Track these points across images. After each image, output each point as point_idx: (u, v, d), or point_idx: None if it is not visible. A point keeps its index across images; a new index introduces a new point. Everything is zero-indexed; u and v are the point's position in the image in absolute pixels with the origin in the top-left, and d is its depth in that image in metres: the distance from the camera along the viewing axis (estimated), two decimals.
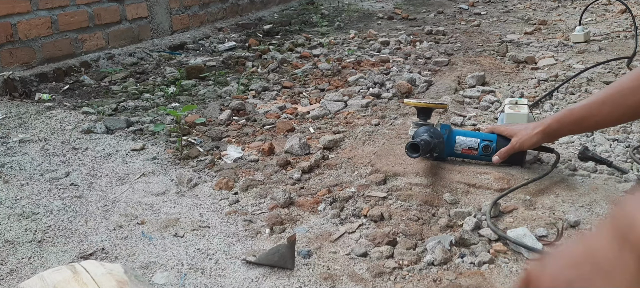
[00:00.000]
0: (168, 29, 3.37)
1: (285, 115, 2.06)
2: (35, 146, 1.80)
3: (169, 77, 2.63)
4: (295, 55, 3.02)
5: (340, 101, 2.15)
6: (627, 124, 1.77)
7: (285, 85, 2.45)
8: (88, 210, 1.39)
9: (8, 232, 1.29)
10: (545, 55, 2.69)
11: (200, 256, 1.17)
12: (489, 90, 2.22)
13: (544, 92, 2.15)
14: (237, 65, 2.87)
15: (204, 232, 1.27)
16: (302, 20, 4.15)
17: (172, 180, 1.55)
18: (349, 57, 2.91)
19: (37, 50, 2.60)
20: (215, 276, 1.11)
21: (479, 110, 2.02)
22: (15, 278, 1.12)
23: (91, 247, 1.22)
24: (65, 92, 2.44)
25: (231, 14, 3.96)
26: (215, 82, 2.55)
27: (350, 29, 3.75)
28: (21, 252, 1.21)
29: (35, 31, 2.58)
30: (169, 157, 1.71)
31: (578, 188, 1.38)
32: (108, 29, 2.95)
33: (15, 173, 1.61)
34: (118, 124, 1.97)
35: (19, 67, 2.53)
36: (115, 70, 2.77)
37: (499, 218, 1.27)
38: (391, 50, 3.05)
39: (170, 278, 1.10)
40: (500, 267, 1.10)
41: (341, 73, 2.61)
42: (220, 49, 3.27)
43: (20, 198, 1.46)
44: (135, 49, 3.06)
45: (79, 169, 1.63)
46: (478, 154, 1.50)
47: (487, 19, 3.92)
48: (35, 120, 2.05)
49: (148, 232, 1.28)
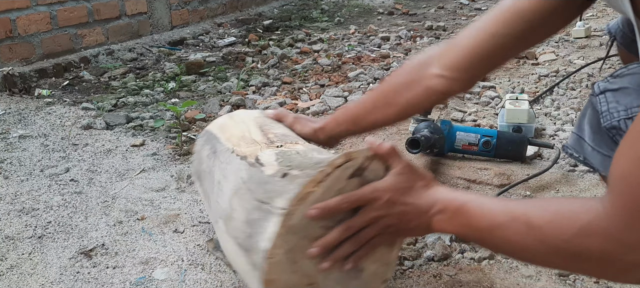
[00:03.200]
0: (167, 25, 3.37)
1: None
2: (35, 142, 1.80)
3: (169, 73, 2.62)
4: (295, 50, 3.02)
5: (340, 97, 2.15)
6: None
7: (285, 80, 2.45)
8: (88, 206, 1.39)
9: (8, 228, 1.29)
10: (546, 51, 2.68)
11: (200, 252, 1.17)
12: (489, 85, 2.21)
13: (545, 88, 2.14)
14: (236, 61, 2.86)
15: (204, 227, 1.27)
16: (302, 15, 4.14)
17: (172, 176, 1.55)
18: (349, 52, 2.91)
19: (37, 45, 2.60)
20: (215, 272, 1.11)
21: (480, 106, 2.02)
22: (16, 274, 1.12)
23: (91, 242, 1.22)
24: (65, 88, 2.43)
25: (231, 9, 3.96)
26: (215, 78, 2.54)
27: (351, 24, 3.74)
28: (21, 248, 1.21)
29: (34, 26, 2.57)
30: (169, 152, 1.71)
31: (578, 183, 1.38)
32: (107, 24, 2.95)
33: (15, 169, 1.61)
34: (118, 120, 1.97)
35: (18, 62, 2.52)
36: (114, 65, 2.77)
37: None
38: (391, 45, 3.04)
39: (170, 274, 1.10)
40: (501, 262, 1.10)
41: (341, 69, 2.61)
42: (220, 45, 3.27)
43: (20, 194, 1.46)
44: (135, 45, 3.05)
45: (78, 165, 1.63)
46: (478, 150, 1.50)
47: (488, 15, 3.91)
48: (34, 116, 2.05)
49: (148, 228, 1.28)
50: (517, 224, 0.68)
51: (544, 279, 1.04)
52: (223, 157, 1.00)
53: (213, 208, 0.97)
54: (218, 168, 0.99)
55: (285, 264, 0.75)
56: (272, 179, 0.81)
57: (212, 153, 1.05)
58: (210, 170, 1.03)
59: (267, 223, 0.75)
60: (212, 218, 1.01)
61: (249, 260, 0.78)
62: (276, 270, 0.74)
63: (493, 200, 0.83)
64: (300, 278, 0.77)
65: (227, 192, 0.90)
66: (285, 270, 0.75)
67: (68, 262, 1.15)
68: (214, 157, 1.03)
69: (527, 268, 1.07)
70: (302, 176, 0.77)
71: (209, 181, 1.02)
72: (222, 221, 0.90)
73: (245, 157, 0.92)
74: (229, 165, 0.95)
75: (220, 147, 1.03)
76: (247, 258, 0.79)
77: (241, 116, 1.13)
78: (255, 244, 0.76)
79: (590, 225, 0.61)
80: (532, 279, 1.04)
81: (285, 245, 0.74)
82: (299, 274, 0.77)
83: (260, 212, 0.78)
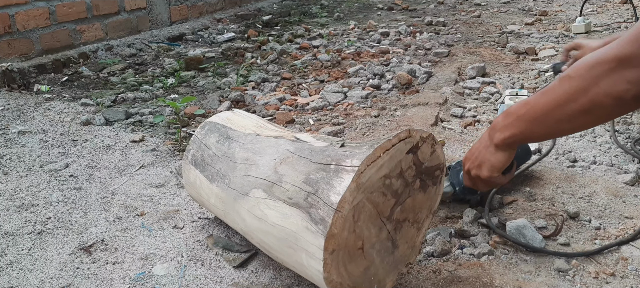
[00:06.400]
0: (167, 20, 3.36)
1: (284, 106, 2.06)
2: (34, 138, 1.80)
3: (168, 69, 2.62)
4: (294, 46, 3.01)
5: (339, 92, 2.15)
6: (627, 115, 1.77)
7: (285, 76, 2.44)
8: (87, 202, 1.39)
9: (8, 224, 1.29)
10: (546, 46, 2.68)
11: (200, 247, 1.18)
12: (489, 81, 2.21)
13: (544, 83, 2.14)
14: (236, 57, 2.86)
15: (203, 223, 1.27)
16: (302, 11, 4.13)
17: (172, 171, 1.55)
18: (348, 48, 2.90)
19: (36, 41, 2.59)
20: (215, 267, 1.11)
21: (479, 102, 2.02)
22: (15, 269, 1.12)
23: (91, 238, 1.22)
24: (64, 84, 2.43)
25: (230, 5, 3.95)
26: (214, 74, 2.54)
27: (350, 20, 3.74)
28: (21, 244, 1.21)
29: (33, 22, 2.57)
30: (168, 148, 1.71)
31: (578, 179, 1.38)
32: (106, 19, 2.94)
33: (15, 164, 1.61)
34: (117, 116, 1.97)
35: (17, 58, 2.52)
36: (113, 61, 2.76)
37: (499, 210, 1.27)
38: (391, 41, 3.03)
39: (170, 270, 1.10)
40: (500, 258, 1.10)
41: (341, 64, 2.60)
42: (219, 40, 3.26)
43: (19, 189, 1.45)
44: (134, 40, 3.05)
45: (78, 161, 1.63)
46: None
47: (488, 10, 3.91)
48: (34, 111, 2.04)
49: (148, 224, 1.28)
50: (555, 84, 0.91)
51: (543, 274, 1.04)
52: (245, 139, 1.08)
53: (236, 183, 1.02)
54: (241, 148, 1.06)
55: (349, 221, 0.81)
56: (329, 148, 0.90)
57: (224, 139, 1.12)
58: (224, 153, 1.09)
59: (336, 179, 0.82)
60: (229, 195, 1.04)
61: (307, 216, 0.84)
62: (340, 224, 0.80)
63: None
64: (355, 239, 0.84)
65: (267, 163, 0.97)
66: (346, 227, 0.81)
67: (68, 258, 1.15)
68: (228, 141, 1.11)
69: (527, 264, 1.07)
70: (368, 144, 0.85)
71: (224, 163, 1.08)
72: (260, 190, 0.95)
73: (281, 137, 1.02)
74: (260, 144, 1.03)
75: (236, 133, 1.11)
76: (304, 215, 0.84)
77: (243, 113, 1.21)
78: (321, 199, 0.82)
79: (603, 53, 0.83)
80: (532, 274, 1.04)
81: (353, 201, 0.81)
82: (355, 235, 0.83)
83: (325, 172, 0.85)
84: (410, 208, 0.93)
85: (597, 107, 0.87)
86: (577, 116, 0.90)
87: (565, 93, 0.89)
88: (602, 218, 1.22)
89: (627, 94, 0.81)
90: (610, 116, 0.89)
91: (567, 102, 0.89)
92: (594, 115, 0.88)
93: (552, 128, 0.95)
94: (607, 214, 1.23)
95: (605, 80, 0.83)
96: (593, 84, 0.84)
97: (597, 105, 0.87)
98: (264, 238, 0.95)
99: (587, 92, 0.86)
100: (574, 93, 0.88)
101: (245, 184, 1.00)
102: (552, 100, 0.93)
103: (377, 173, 0.83)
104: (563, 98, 0.90)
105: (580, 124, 0.92)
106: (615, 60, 0.81)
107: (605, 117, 0.89)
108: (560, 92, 0.91)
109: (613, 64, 0.82)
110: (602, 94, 0.84)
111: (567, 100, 0.89)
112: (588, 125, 0.93)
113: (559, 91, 0.91)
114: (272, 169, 0.95)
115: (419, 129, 0.90)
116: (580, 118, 0.90)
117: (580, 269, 1.05)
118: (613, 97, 0.83)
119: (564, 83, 0.90)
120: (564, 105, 0.90)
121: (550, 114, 0.93)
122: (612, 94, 0.83)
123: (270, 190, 0.93)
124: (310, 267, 0.84)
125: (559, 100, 0.91)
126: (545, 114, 0.93)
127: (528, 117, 0.97)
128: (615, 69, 0.82)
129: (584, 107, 0.88)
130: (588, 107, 0.87)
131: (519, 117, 0.99)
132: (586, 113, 0.88)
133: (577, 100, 0.88)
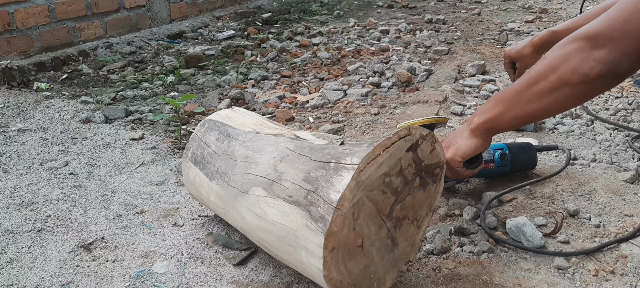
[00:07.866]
0: (166, 18, 3.35)
1: (284, 104, 2.06)
2: (34, 135, 1.80)
3: (168, 66, 2.62)
4: (294, 44, 3.01)
5: (339, 90, 2.15)
6: (627, 112, 1.77)
7: (285, 74, 2.44)
8: (87, 200, 1.39)
9: (7, 222, 1.29)
10: None
11: (200, 245, 1.18)
12: (489, 79, 2.21)
13: None
14: (236, 54, 2.86)
15: (203, 221, 1.27)
16: (301, 8, 4.13)
17: (172, 169, 1.55)
18: (348, 45, 2.90)
19: (35, 39, 2.59)
20: (215, 265, 1.11)
21: (479, 100, 2.02)
22: (15, 267, 1.12)
23: (91, 236, 1.22)
24: (64, 81, 2.43)
25: (230, 3, 3.94)
26: (214, 71, 2.54)
27: (350, 17, 3.73)
28: (21, 242, 1.21)
29: (32, 20, 2.56)
30: (168, 146, 1.71)
31: (577, 177, 1.38)
32: (106, 17, 2.94)
33: (14, 162, 1.61)
34: (117, 113, 1.96)
35: (16, 56, 2.51)
36: (113, 59, 2.76)
37: (498, 208, 1.27)
38: (391, 38, 3.03)
39: (170, 268, 1.10)
40: (500, 256, 1.10)
41: (341, 62, 2.60)
42: (219, 38, 3.26)
43: (19, 187, 1.45)
44: (134, 38, 3.04)
45: (78, 159, 1.63)
46: (495, 166, 1.35)
47: (488, 8, 3.90)
48: (33, 109, 2.04)
49: (147, 222, 1.28)
50: (532, 70, 0.93)
51: (542, 272, 1.04)
52: (245, 137, 1.08)
53: (236, 181, 1.02)
54: (240, 146, 1.06)
55: (348, 219, 0.81)
56: (329, 146, 0.90)
57: (224, 137, 1.12)
58: (224, 151, 1.09)
59: (336, 177, 0.83)
60: (228, 193, 1.04)
61: (307, 214, 0.83)
62: (340, 222, 0.80)
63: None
64: (355, 237, 0.84)
65: (267, 161, 0.97)
66: (346, 225, 0.81)
67: (67, 256, 1.15)
68: (228, 139, 1.11)
69: (526, 262, 1.08)
70: (367, 142, 0.85)
71: (223, 160, 1.08)
72: (259, 188, 0.95)
73: (281, 135, 1.02)
74: (260, 142, 1.03)
75: (236, 131, 1.11)
76: (304, 212, 0.84)
77: (242, 111, 1.21)
78: (321, 197, 0.83)
79: (575, 33, 0.89)
80: (531, 272, 1.04)
81: (353, 199, 0.81)
82: (354, 233, 0.84)
83: (324, 170, 0.85)
84: (410, 206, 0.93)
85: (565, 85, 0.90)
86: (545, 94, 0.93)
87: (537, 71, 0.93)
88: (601, 216, 1.22)
89: (593, 71, 0.85)
90: (577, 99, 0.91)
91: (538, 80, 0.92)
92: (561, 94, 0.91)
93: (523, 110, 0.97)
94: (607, 212, 1.23)
95: (574, 58, 0.87)
96: (563, 61, 0.88)
97: (564, 83, 0.90)
98: (264, 236, 0.95)
99: (556, 70, 0.89)
100: (545, 70, 0.91)
101: (245, 182, 1.00)
102: (525, 80, 0.96)
103: (376, 171, 0.83)
104: (535, 77, 0.93)
105: (548, 105, 0.95)
106: (585, 38, 0.86)
107: (571, 99, 0.92)
108: (533, 72, 0.94)
109: (582, 42, 0.86)
110: (570, 70, 0.88)
111: (538, 79, 0.92)
112: (556, 108, 0.96)
113: (532, 71, 0.95)
114: (272, 167, 0.95)
115: (419, 128, 0.90)
116: (548, 97, 0.93)
117: (579, 267, 1.05)
118: (579, 74, 0.87)
119: (538, 63, 0.93)
120: (535, 83, 0.93)
121: (522, 94, 0.96)
122: (578, 71, 0.87)
123: (270, 188, 0.93)
124: (310, 265, 0.84)
125: (531, 80, 0.94)
126: (518, 94, 0.96)
127: (502, 98, 1.00)
128: (584, 48, 0.86)
129: (553, 85, 0.91)
130: (556, 84, 0.91)
131: (497, 101, 1.01)
132: (554, 91, 0.91)
133: (547, 78, 0.91)
